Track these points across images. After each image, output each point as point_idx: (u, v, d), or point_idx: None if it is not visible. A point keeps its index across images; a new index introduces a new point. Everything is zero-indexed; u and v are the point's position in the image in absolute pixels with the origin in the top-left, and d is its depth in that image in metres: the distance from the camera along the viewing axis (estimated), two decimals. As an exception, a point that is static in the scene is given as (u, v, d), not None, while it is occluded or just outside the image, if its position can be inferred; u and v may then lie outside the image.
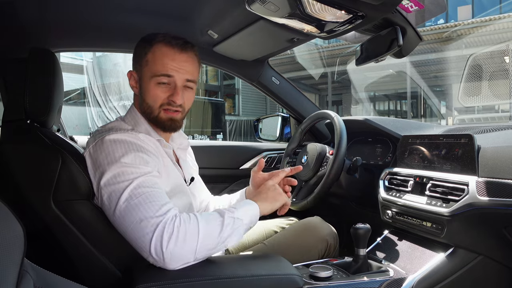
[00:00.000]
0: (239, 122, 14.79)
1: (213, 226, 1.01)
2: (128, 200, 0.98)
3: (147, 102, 1.17)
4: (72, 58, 11.06)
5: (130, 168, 1.02)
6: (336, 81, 14.23)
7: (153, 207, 0.98)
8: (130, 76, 1.22)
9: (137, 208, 0.97)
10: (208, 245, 0.99)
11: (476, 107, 8.05)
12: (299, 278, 1.04)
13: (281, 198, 1.22)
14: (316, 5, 1.10)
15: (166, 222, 0.95)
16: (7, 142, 1.16)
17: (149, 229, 0.95)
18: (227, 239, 1.03)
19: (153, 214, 0.96)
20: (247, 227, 1.10)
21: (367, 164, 1.72)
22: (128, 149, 1.06)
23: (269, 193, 1.21)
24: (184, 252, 0.95)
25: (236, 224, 1.05)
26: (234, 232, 1.04)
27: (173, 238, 0.94)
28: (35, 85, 1.19)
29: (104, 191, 1.03)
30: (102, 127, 1.19)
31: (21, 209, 1.00)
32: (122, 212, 0.99)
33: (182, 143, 1.34)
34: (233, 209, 1.08)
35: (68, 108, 10.30)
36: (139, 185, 1.00)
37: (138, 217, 0.96)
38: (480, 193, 1.13)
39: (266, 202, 1.18)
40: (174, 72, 1.15)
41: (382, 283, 1.20)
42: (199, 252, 0.97)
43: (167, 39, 1.15)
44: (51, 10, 1.44)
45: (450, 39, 11.17)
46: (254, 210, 1.13)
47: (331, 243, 1.45)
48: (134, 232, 0.97)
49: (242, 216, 1.08)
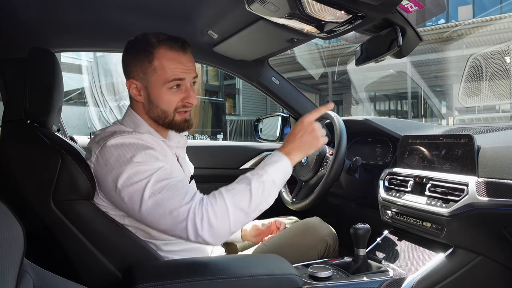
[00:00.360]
0: (240, 122, 14.79)
1: (241, 197, 1.01)
2: (152, 196, 0.99)
3: (162, 108, 1.16)
4: (72, 58, 11.07)
5: (144, 166, 1.03)
6: (336, 81, 14.23)
7: (178, 196, 0.99)
8: (130, 86, 1.17)
9: (164, 201, 0.99)
10: (240, 217, 1.01)
11: (477, 107, 8.05)
12: (299, 278, 1.04)
13: (318, 143, 1.13)
14: (316, 5, 1.10)
15: (195, 208, 0.97)
16: (7, 142, 1.16)
17: (181, 218, 0.97)
18: (261, 204, 1.03)
19: (180, 203, 0.98)
20: (280, 185, 1.08)
21: (367, 164, 1.72)
22: (137, 149, 1.06)
23: (305, 138, 1.12)
24: (219, 231, 0.98)
25: (267, 187, 1.03)
26: (266, 196, 1.04)
27: (204, 221, 0.96)
28: (35, 85, 1.19)
29: (123, 193, 1.02)
30: (102, 131, 1.17)
31: (21, 209, 1.01)
32: (149, 209, 1.00)
33: (180, 141, 1.34)
34: (261, 172, 1.05)
35: (68, 108, 10.30)
36: (157, 180, 1.01)
37: (167, 210, 0.98)
38: (480, 193, 1.13)
39: (299, 150, 1.11)
40: (185, 74, 1.15)
41: (382, 283, 1.21)
42: (234, 226, 1.00)
43: (168, 43, 1.14)
44: (51, 10, 1.44)
45: (451, 39, 11.17)
46: (285, 165, 1.08)
47: (330, 243, 1.45)
48: (167, 224, 0.99)
49: (273, 176, 1.05)
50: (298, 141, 1.11)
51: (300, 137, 1.11)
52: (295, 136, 1.12)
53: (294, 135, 1.12)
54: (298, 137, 1.11)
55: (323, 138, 1.14)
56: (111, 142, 1.07)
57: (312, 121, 1.13)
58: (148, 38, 1.15)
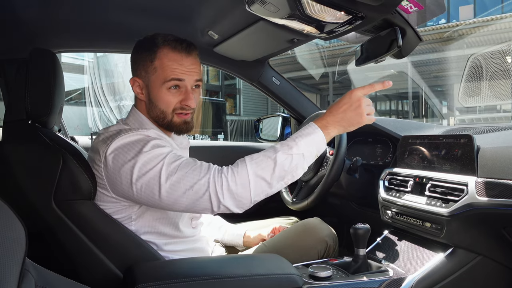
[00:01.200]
0: (240, 122, 14.79)
1: (263, 167, 1.00)
2: (169, 177, 1.00)
3: (160, 108, 1.16)
4: (73, 58, 11.08)
5: (154, 153, 1.04)
6: (337, 81, 14.22)
7: (195, 171, 1.00)
8: (133, 83, 1.20)
9: (182, 180, 1.00)
10: (263, 186, 1.01)
11: (478, 107, 8.05)
12: (299, 278, 1.04)
13: (361, 120, 1.07)
14: (316, 6, 1.11)
15: (215, 176, 0.99)
16: (9, 143, 1.17)
17: (202, 190, 0.98)
18: (286, 176, 1.02)
19: (198, 176, 0.99)
20: (311, 159, 1.06)
21: (367, 164, 1.72)
22: (144, 142, 1.07)
23: (348, 113, 1.05)
24: (241, 198, 0.99)
25: (295, 161, 1.02)
26: (294, 169, 1.02)
27: (225, 188, 0.98)
28: (36, 85, 1.19)
29: (140, 183, 1.03)
30: (105, 130, 1.17)
31: (22, 209, 1.01)
32: (168, 191, 1.00)
33: (183, 142, 1.34)
34: (291, 144, 1.03)
35: (69, 108, 10.32)
36: (169, 162, 1.02)
37: (188, 185, 0.99)
38: (479, 194, 1.13)
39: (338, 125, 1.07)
40: (185, 75, 1.14)
41: (382, 283, 1.21)
42: (255, 194, 1.00)
43: (172, 44, 1.14)
44: (51, 11, 1.45)
45: (452, 39, 11.16)
46: (318, 139, 1.05)
47: (330, 244, 1.45)
48: (190, 200, 1.00)
49: (303, 149, 1.03)
50: (340, 115, 1.06)
51: (343, 111, 1.06)
52: (339, 109, 1.06)
53: (337, 108, 1.07)
54: (342, 111, 1.06)
55: (368, 117, 1.08)
56: (118, 141, 1.07)
57: (361, 96, 1.07)
58: (155, 38, 1.15)
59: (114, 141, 1.07)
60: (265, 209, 1.99)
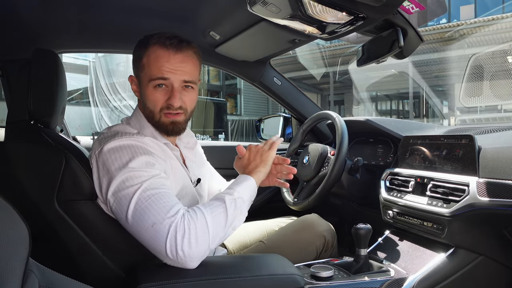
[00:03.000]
0: (241, 122, 14.79)
1: (218, 215, 1.01)
2: (138, 203, 0.98)
3: (148, 106, 1.15)
4: (74, 58, 11.09)
5: (137, 172, 1.01)
6: (338, 81, 14.21)
7: (164, 208, 0.97)
8: (131, 81, 1.21)
9: (148, 211, 0.97)
10: (219, 234, 1.00)
11: (479, 107, 8.03)
12: (301, 278, 1.04)
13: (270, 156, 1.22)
14: (317, 6, 1.11)
15: (177, 224, 0.95)
16: (11, 143, 1.17)
17: (162, 232, 0.94)
18: (234, 221, 1.04)
19: (164, 215, 0.96)
20: (248, 202, 1.11)
21: (368, 165, 1.72)
22: (134, 153, 1.05)
23: (257, 158, 1.21)
24: (199, 250, 0.96)
25: (238, 204, 1.06)
26: (238, 213, 1.06)
27: (185, 238, 0.94)
28: (38, 86, 1.20)
29: (114, 197, 1.02)
30: (107, 130, 1.17)
31: (25, 208, 1.02)
32: (134, 217, 0.98)
33: (189, 142, 1.33)
34: (231, 190, 1.08)
35: (70, 108, 10.34)
36: (146, 188, 0.99)
37: (150, 221, 0.96)
38: (481, 194, 1.13)
39: (258, 169, 1.19)
40: (170, 74, 1.11)
41: (383, 283, 1.21)
42: (212, 243, 0.99)
43: (161, 40, 1.12)
44: (53, 12, 1.45)
45: (453, 39, 11.14)
46: (251, 183, 1.14)
47: (328, 239, 1.46)
48: (148, 237, 0.97)
49: (242, 194, 1.08)
50: (252, 163, 1.20)
51: (251, 159, 1.22)
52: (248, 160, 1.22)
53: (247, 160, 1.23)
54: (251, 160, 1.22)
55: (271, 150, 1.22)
56: (110, 144, 1.07)
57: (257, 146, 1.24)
58: (151, 36, 1.14)
59: (107, 143, 1.07)
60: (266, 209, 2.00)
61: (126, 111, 11.19)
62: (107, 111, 11.27)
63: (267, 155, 1.22)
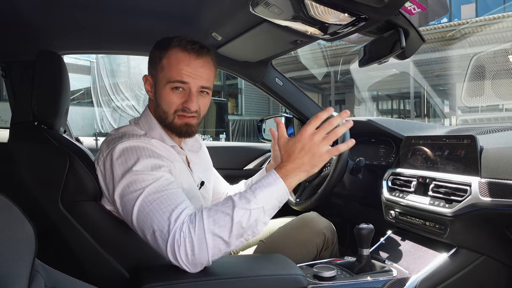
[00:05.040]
0: (242, 122, 14.79)
1: (221, 226, 0.93)
2: (140, 209, 0.98)
3: (162, 107, 1.15)
4: (75, 59, 11.11)
5: (141, 176, 1.01)
6: (339, 81, 14.20)
7: (165, 214, 0.95)
8: (145, 81, 1.20)
9: (150, 216, 0.96)
10: (220, 246, 0.94)
11: (480, 106, 8.02)
12: (303, 278, 1.05)
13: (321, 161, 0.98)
14: (319, 8, 1.11)
15: (175, 234, 0.93)
16: (16, 144, 1.18)
17: (162, 240, 0.94)
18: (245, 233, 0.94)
19: (164, 223, 0.94)
20: (272, 211, 0.98)
21: (370, 165, 1.73)
22: (140, 155, 1.05)
23: (306, 157, 0.97)
24: (197, 260, 0.94)
25: (254, 216, 0.93)
26: (253, 225, 0.94)
27: (182, 249, 0.92)
28: (42, 87, 1.21)
29: (120, 201, 1.02)
30: (115, 131, 1.17)
31: (29, 209, 1.02)
32: (137, 222, 0.99)
33: (194, 145, 1.33)
34: (250, 197, 0.94)
35: (72, 108, 10.35)
36: (149, 193, 0.99)
37: (152, 228, 0.96)
38: (483, 194, 1.13)
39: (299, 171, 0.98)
40: (190, 78, 1.12)
41: (386, 283, 1.21)
42: (213, 255, 0.94)
43: (183, 44, 1.13)
44: (56, 13, 1.46)
45: (454, 38, 11.13)
46: (279, 190, 0.97)
47: (328, 236, 1.46)
48: (152, 241, 0.97)
49: (262, 202, 0.94)
50: (298, 161, 0.98)
51: (300, 156, 0.98)
52: (294, 154, 0.98)
53: (293, 151, 0.98)
54: (299, 156, 0.98)
55: (329, 152, 0.99)
56: (118, 147, 1.07)
57: (311, 132, 0.99)
58: (171, 38, 1.15)
59: (115, 146, 1.07)
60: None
61: (129, 111, 11.21)
62: (110, 111, 11.30)
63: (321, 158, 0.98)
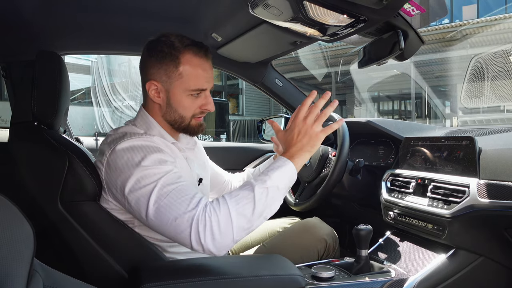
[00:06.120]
0: (243, 122, 14.79)
1: (244, 206, 0.98)
2: (158, 201, 0.99)
3: (179, 112, 1.17)
4: (76, 58, 11.12)
5: (152, 170, 1.02)
6: (339, 81, 14.19)
7: (184, 202, 0.98)
8: (150, 87, 1.16)
9: (169, 207, 0.98)
10: (244, 226, 0.98)
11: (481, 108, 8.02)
12: (302, 279, 1.05)
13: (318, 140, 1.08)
14: (318, 9, 1.12)
15: (199, 216, 0.96)
16: (16, 144, 1.18)
17: (185, 225, 0.96)
18: (264, 211, 1.01)
19: (185, 209, 0.97)
20: (285, 190, 1.06)
21: (369, 166, 1.73)
22: (146, 152, 1.06)
23: (304, 139, 1.07)
24: (222, 241, 0.96)
25: (271, 194, 1.01)
26: (270, 202, 1.02)
27: (207, 230, 0.95)
28: (42, 87, 1.21)
29: (131, 197, 1.02)
30: (114, 131, 1.17)
31: (28, 209, 1.03)
32: (155, 214, 0.99)
33: (189, 142, 1.34)
34: (265, 177, 1.02)
35: (72, 108, 10.35)
36: (164, 185, 1.00)
37: (172, 216, 0.97)
38: (481, 195, 1.14)
39: (302, 151, 1.07)
40: (207, 84, 1.16)
41: (384, 284, 1.22)
42: (237, 235, 0.98)
43: (193, 49, 1.13)
44: (56, 14, 1.46)
45: (455, 39, 11.12)
46: (289, 169, 1.05)
47: (330, 243, 1.46)
48: (172, 231, 0.98)
49: (277, 181, 1.03)
50: (298, 144, 1.08)
51: (299, 139, 1.08)
52: (293, 139, 1.08)
53: (292, 138, 1.09)
54: (298, 140, 1.08)
55: (322, 132, 1.09)
56: (121, 145, 1.07)
57: (304, 117, 1.09)
58: (172, 41, 1.13)
59: (118, 144, 1.08)
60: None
61: (127, 111, 11.22)
62: (110, 111, 11.31)
63: (317, 138, 1.08)
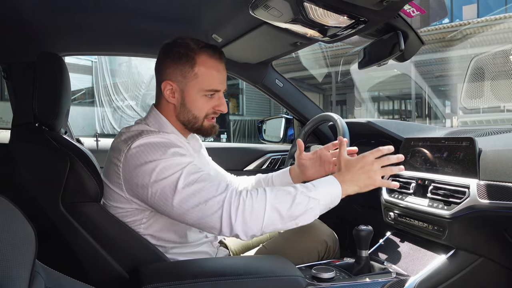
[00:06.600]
0: (243, 122, 14.79)
1: (282, 201, 1.00)
2: (185, 188, 1.00)
3: (193, 113, 1.19)
4: (76, 59, 11.11)
5: (174, 161, 1.04)
6: (340, 81, 14.18)
7: (212, 187, 1.00)
8: (165, 87, 1.18)
9: (198, 193, 1.00)
10: (275, 220, 1.00)
11: (481, 108, 8.01)
12: (302, 279, 1.05)
13: (372, 183, 1.11)
14: (319, 10, 1.12)
15: (232, 196, 0.98)
16: (17, 145, 1.19)
17: (216, 207, 0.98)
18: (299, 217, 1.02)
19: (215, 193, 0.99)
20: (324, 208, 1.07)
21: (369, 166, 1.72)
22: (166, 147, 1.07)
23: (362, 175, 1.10)
24: (252, 226, 0.98)
25: (311, 204, 1.03)
26: (307, 212, 1.03)
27: (239, 212, 0.97)
28: (43, 89, 1.21)
29: (155, 188, 1.03)
30: (127, 129, 1.18)
31: (29, 210, 1.03)
32: (182, 201, 1.00)
33: (195, 145, 1.35)
34: (310, 187, 1.05)
35: (73, 108, 10.34)
36: (188, 173, 1.02)
37: (202, 200, 0.99)
38: (481, 196, 1.14)
39: (352, 183, 1.10)
40: (221, 86, 1.19)
41: (384, 285, 1.22)
42: (266, 226, 0.99)
43: (208, 51, 1.16)
44: (57, 15, 1.47)
45: (455, 39, 11.11)
46: (335, 191, 1.08)
47: (330, 245, 1.46)
48: (201, 215, 0.99)
49: (320, 196, 1.05)
50: (356, 176, 1.10)
51: (357, 171, 1.10)
52: (354, 168, 1.11)
53: (353, 166, 1.11)
54: (356, 171, 1.10)
55: (381, 181, 1.12)
56: (140, 141, 1.08)
57: (373, 160, 1.12)
58: (188, 43, 1.16)
59: (136, 141, 1.08)
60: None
61: (128, 111, 11.23)
62: (111, 111, 11.31)
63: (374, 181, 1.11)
